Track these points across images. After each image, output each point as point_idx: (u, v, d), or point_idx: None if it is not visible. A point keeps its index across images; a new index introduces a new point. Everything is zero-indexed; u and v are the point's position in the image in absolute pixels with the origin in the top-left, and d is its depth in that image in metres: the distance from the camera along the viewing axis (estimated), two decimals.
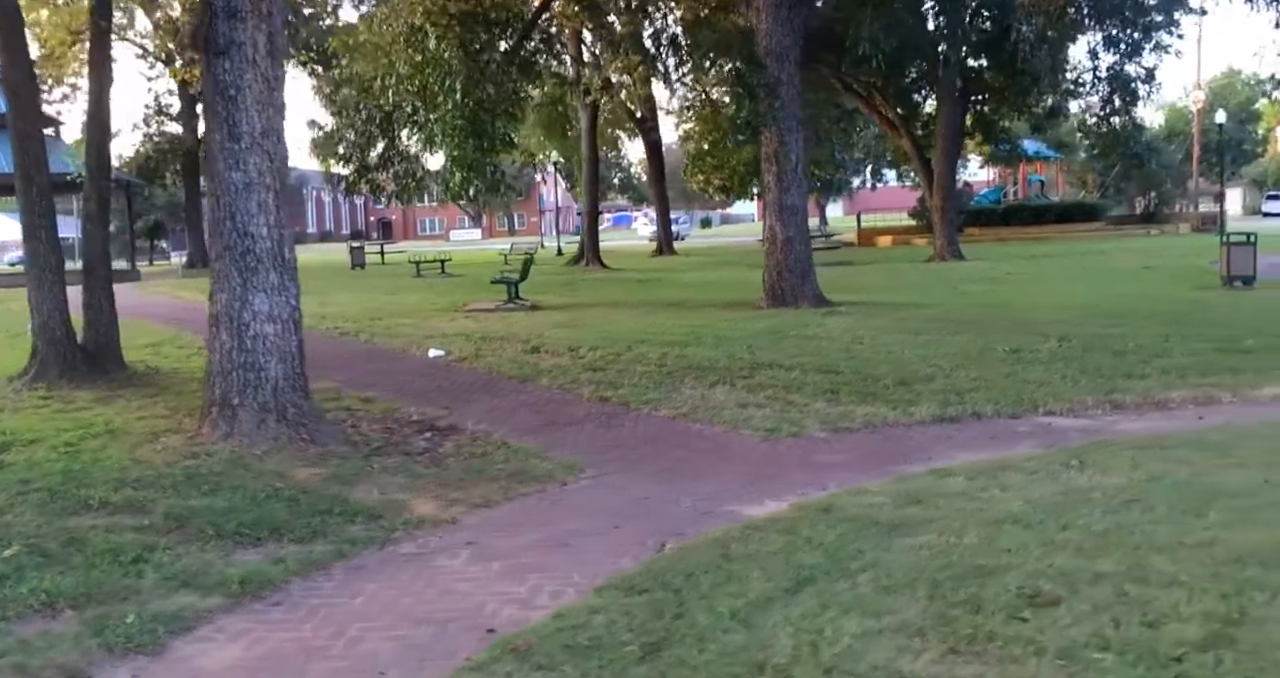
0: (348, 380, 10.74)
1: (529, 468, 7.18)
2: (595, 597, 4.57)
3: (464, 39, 16.85)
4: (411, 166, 18.97)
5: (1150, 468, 6.41)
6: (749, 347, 12.11)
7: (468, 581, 5.10)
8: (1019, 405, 9.08)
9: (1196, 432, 7.70)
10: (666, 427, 8.61)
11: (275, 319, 7.33)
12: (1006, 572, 4.45)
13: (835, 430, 8.35)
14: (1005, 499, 5.79)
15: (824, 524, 5.46)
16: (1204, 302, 17.11)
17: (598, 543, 5.58)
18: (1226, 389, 9.59)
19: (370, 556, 5.54)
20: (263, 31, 7.14)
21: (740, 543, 5.21)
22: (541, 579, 5.03)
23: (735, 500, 6.32)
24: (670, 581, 4.67)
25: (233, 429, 7.24)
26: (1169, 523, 5.06)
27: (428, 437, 7.85)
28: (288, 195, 26.14)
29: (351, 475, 6.80)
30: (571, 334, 13.64)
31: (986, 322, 14.26)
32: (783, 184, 15.93)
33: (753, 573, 4.70)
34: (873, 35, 17.85)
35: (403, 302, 19.60)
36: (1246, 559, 4.41)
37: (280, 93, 7.39)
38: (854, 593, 4.33)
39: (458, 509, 6.28)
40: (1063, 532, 5.02)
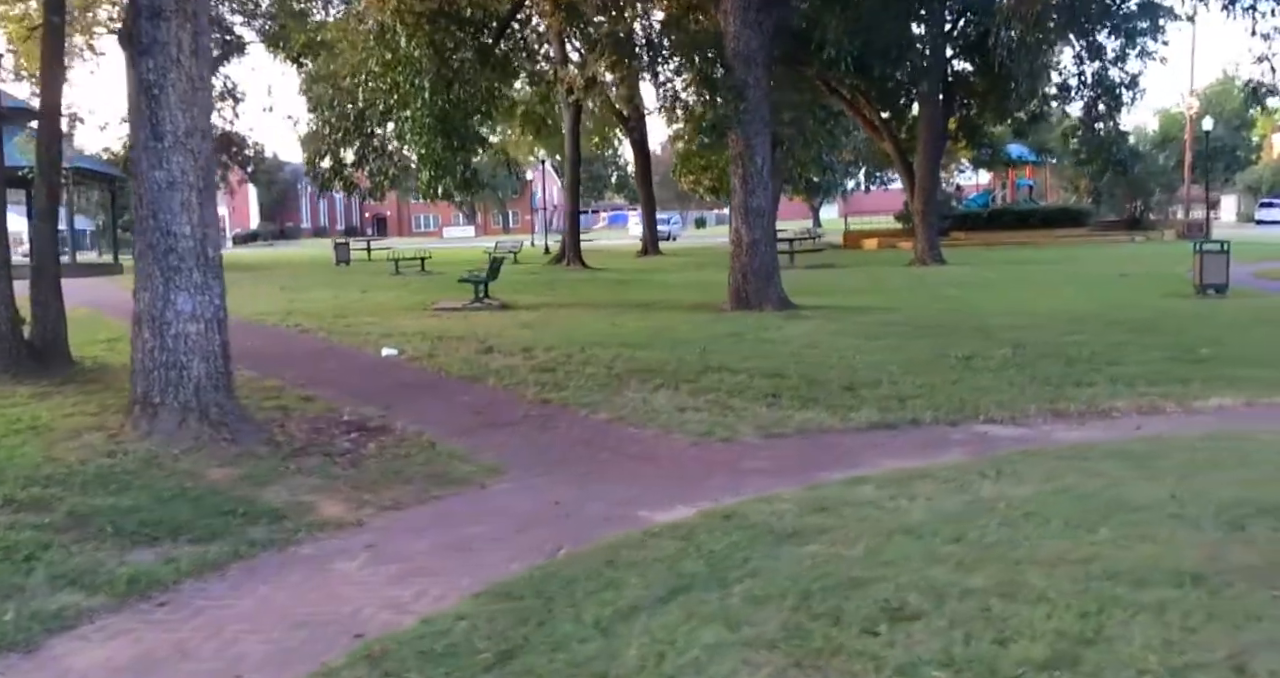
0: (295, 379, 10.70)
1: (449, 470, 7.16)
2: (468, 603, 4.55)
3: (434, 38, 16.81)
4: (385, 164, 18.93)
5: (1063, 480, 6.39)
6: (702, 350, 12.09)
7: (356, 584, 5.08)
8: (960, 413, 9.07)
9: (1124, 442, 7.68)
10: (602, 429, 8.60)
11: (198, 319, 7.30)
12: (878, 584, 4.43)
13: (768, 436, 8.34)
14: (908, 510, 5.77)
15: (721, 532, 5.45)
16: (1172, 310, 17.10)
17: (497, 548, 5.56)
18: (1172, 399, 9.58)
19: (268, 557, 5.52)
20: (187, 31, 7.12)
21: (631, 550, 5.19)
22: (429, 584, 5.01)
23: (647, 506, 6.30)
24: (547, 587, 4.65)
25: (153, 428, 7.22)
26: (1058, 537, 5.04)
27: (353, 437, 7.83)
28: (281, 190, 26.31)
29: (265, 476, 6.77)
30: (531, 334, 13.62)
31: (947, 327, 14.25)
32: (748, 187, 15.91)
33: (632, 581, 4.68)
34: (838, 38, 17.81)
35: (373, 299, 19.57)
36: (1121, 576, 4.39)
37: (206, 93, 7.37)
38: (722, 603, 4.31)
39: (367, 512, 6.26)
40: (951, 544, 5.00)
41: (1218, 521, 5.24)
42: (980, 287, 22.57)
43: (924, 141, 29.00)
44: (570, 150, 32.34)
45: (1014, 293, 20.82)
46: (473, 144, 18.34)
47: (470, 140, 18.12)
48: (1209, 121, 41.79)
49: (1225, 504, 5.54)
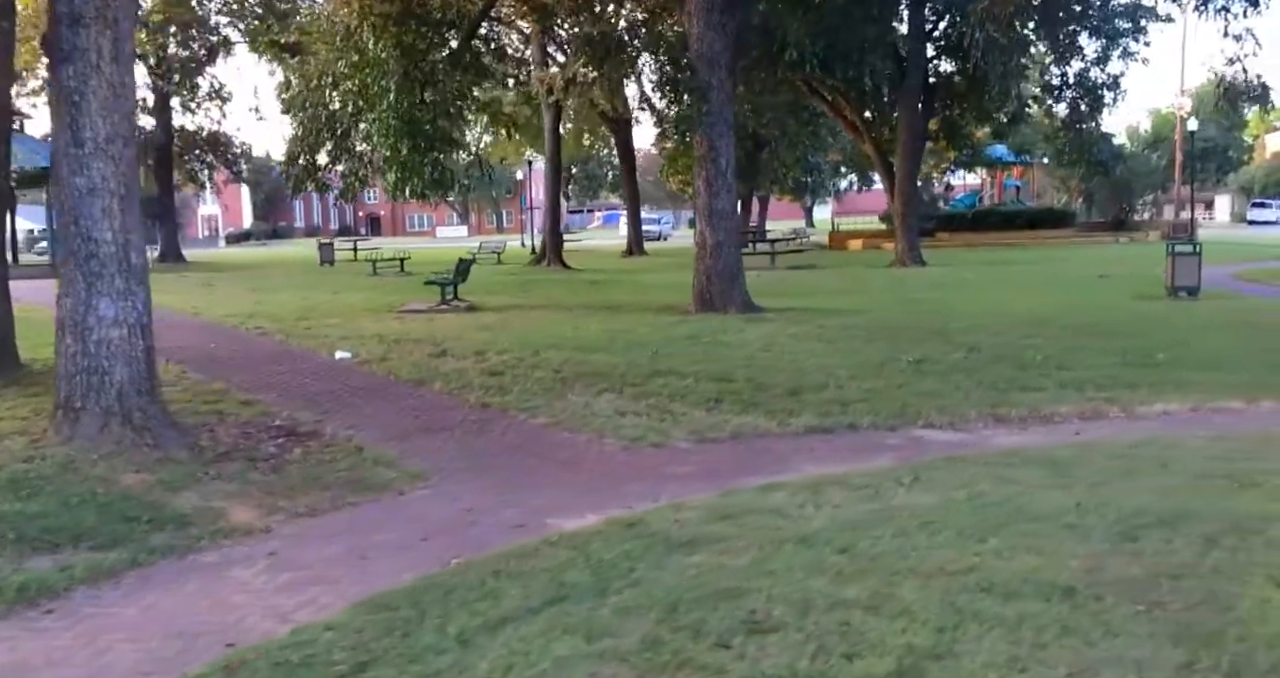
0: (242, 382, 10.70)
1: (370, 476, 7.16)
2: (344, 613, 4.55)
3: (401, 39, 16.80)
4: (355, 165, 18.92)
5: (976, 487, 6.38)
6: (655, 353, 12.08)
7: (248, 593, 5.08)
8: (900, 417, 9.07)
9: (1053, 449, 7.68)
10: (536, 434, 8.60)
11: (121, 324, 7.29)
12: (750, 595, 4.43)
13: (701, 441, 8.34)
14: (810, 518, 5.77)
15: (618, 540, 5.44)
16: (1139, 312, 17.10)
17: (397, 557, 5.55)
18: (1118, 404, 9.59)
19: (168, 565, 5.52)
20: (108, 38, 7.11)
21: (522, 559, 5.19)
22: (319, 593, 5.01)
23: (559, 513, 6.30)
24: (424, 598, 4.65)
25: (75, 433, 7.22)
26: (946, 547, 5.03)
27: (280, 442, 7.82)
28: (274, 190, 26.14)
29: (180, 482, 6.76)
30: (488, 337, 13.61)
31: (908, 330, 14.24)
32: (712, 189, 15.89)
33: (511, 591, 4.68)
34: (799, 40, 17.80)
35: (342, 301, 19.55)
36: (993, 589, 4.39)
37: (129, 99, 7.36)
38: (591, 615, 4.31)
39: (277, 518, 6.26)
40: (839, 555, 5.00)
41: (1111, 531, 5.24)
42: (954, 288, 22.55)
43: (903, 143, 28.99)
44: (550, 151, 32.32)
45: (986, 295, 20.81)
46: (442, 145, 18.30)
47: (439, 141, 18.08)
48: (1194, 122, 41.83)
49: (1126, 514, 5.54)
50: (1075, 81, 29.38)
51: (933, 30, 29.17)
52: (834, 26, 18.50)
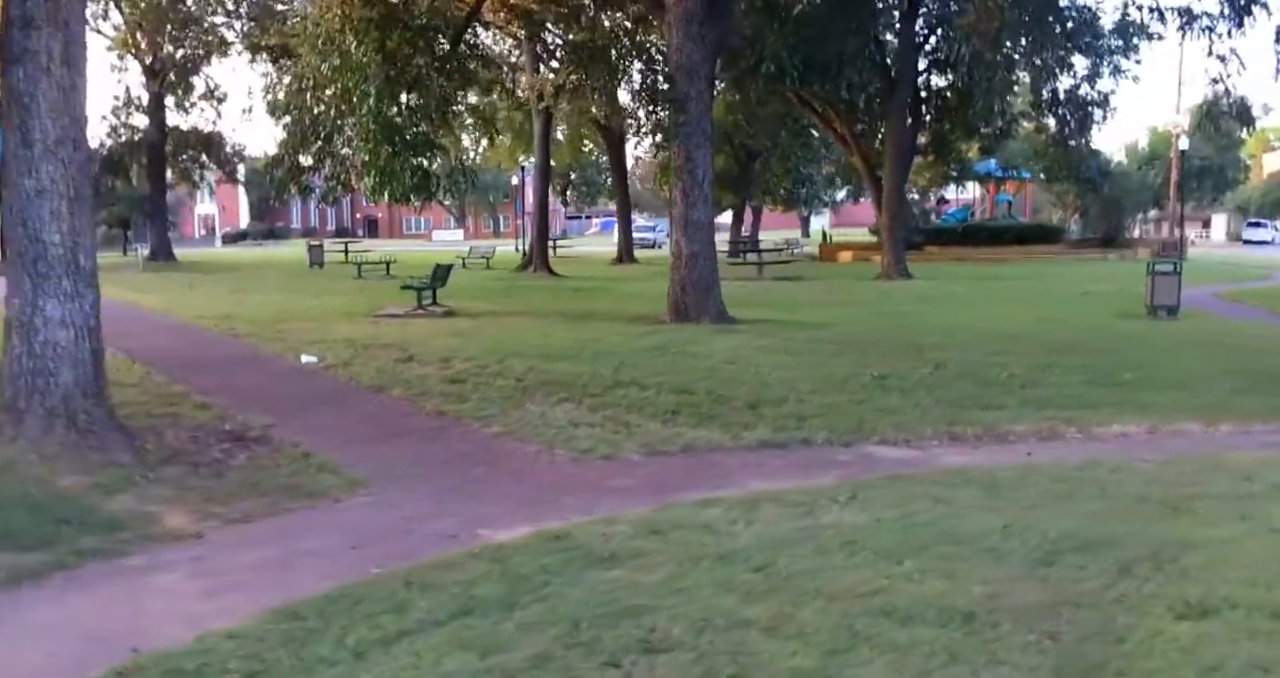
0: (204, 385, 10.71)
1: (311, 483, 7.16)
2: (252, 622, 4.56)
3: (384, 44, 16.84)
4: (337, 168, 18.95)
5: (909, 507, 6.40)
6: (620, 363, 12.09)
7: (167, 598, 5.10)
8: (855, 433, 9.08)
9: (997, 468, 7.69)
10: (486, 444, 8.60)
11: (68, 326, 7.30)
12: (653, 613, 4.44)
13: (651, 453, 8.34)
14: (738, 535, 5.78)
15: (540, 554, 5.45)
16: (1114, 331, 17.12)
17: (322, 565, 5.55)
18: (1076, 424, 9.60)
19: (94, 568, 5.52)
20: (58, 40, 7.14)
21: (441, 570, 5.20)
22: (237, 600, 5.01)
23: (493, 524, 6.30)
24: (332, 608, 4.66)
25: (18, 434, 7.22)
26: (860, 569, 5.05)
27: (226, 448, 7.83)
28: (270, 191, 25.33)
29: (118, 485, 6.77)
30: (458, 343, 13.63)
31: (878, 345, 14.27)
32: (688, 199, 15.92)
33: (420, 603, 4.69)
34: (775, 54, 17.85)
35: (322, 304, 19.57)
36: (894, 613, 4.40)
37: (79, 102, 7.37)
38: (493, 630, 4.32)
39: (211, 524, 6.26)
40: (753, 573, 5.01)
41: (1029, 556, 5.25)
42: (935, 302, 22.58)
43: (891, 156, 29.03)
44: (540, 158, 32.34)
45: (966, 310, 20.83)
46: (424, 150, 18.34)
47: (420, 146, 18.12)
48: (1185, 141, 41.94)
49: (1049, 539, 5.56)
50: (1065, 98, 29.44)
51: (924, 43, 29.24)
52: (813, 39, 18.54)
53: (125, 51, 38.41)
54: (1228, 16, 18.94)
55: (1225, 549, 5.30)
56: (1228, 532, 5.67)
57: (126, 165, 40.67)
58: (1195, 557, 5.19)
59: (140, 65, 39.37)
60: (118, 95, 40.48)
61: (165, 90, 39.52)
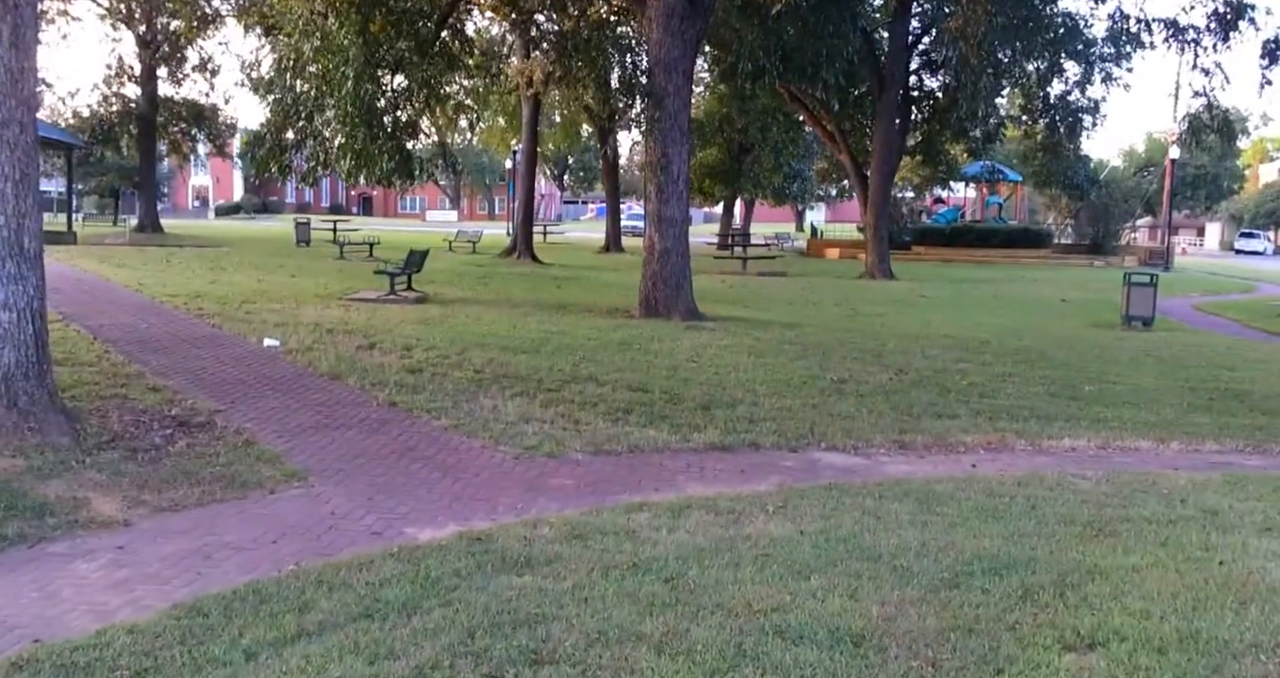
0: (160, 366, 10.71)
1: (246, 473, 7.17)
2: (155, 616, 4.59)
3: (365, 27, 16.77)
4: (317, 150, 18.88)
5: (835, 519, 6.44)
6: (580, 358, 12.12)
7: (79, 587, 5.11)
8: (803, 439, 9.13)
9: (936, 480, 7.75)
10: (431, 438, 8.62)
11: (10, 308, 7.30)
12: (550, 623, 4.48)
13: (596, 452, 8.37)
14: (656, 542, 5.81)
15: (455, 556, 5.49)
16: (1085, 340, 17.20)
17: (241, 558, 5.58)
18: (1026, 436, 9.67)
19: (14, 554, 5.55)
20: (7, 23, 7.10)
21: (354, 570, 5.23)
22: (148, 592, 5.04)
23: (419, 523, 6.33)
24: (238, 605, 4.69)
25: None
26: (765, 584, 5.08)
27: (166, 434, 7.84)
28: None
29: (51, 470, 6.79)
30: (423, 331, 13.62)
31: (842, 348, 14.30)
32: (662, 195, 15.91)
33: (324, 604, 4.72)
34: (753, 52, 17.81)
35: (297, 285, 19.54)
36: (786, 632, 4.43)
37: (28, 85, 7.35)
38: (387, 635, 4.35)
39: (140, 512, 6.28)
40: (661, 584, 5.05)
41: (937, 577, 5.29)
42: (912, 305, 22.65)
43: (878, 155, 29.03)
44: (527, 144, 32.25)
45: (942, 314, 20.91)
46: (403, 134, 18.30)
47: (400, 130, 18.08)
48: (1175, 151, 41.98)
49: (961, 559, 5.60)
50: (1055, 104, 29.46)
51: (915, 44, 29.21)
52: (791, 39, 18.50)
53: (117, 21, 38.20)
54: (1213, 30, 18.96)
55: (1132, 577, 5.34)
56: (1141, 558, 5.71)
57: (117, 136, 40.47)
58: (1101, 584, 5.24)
59: (134, 35, 39.20)
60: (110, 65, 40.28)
61: (158, 61, 39.34)
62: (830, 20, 18.23)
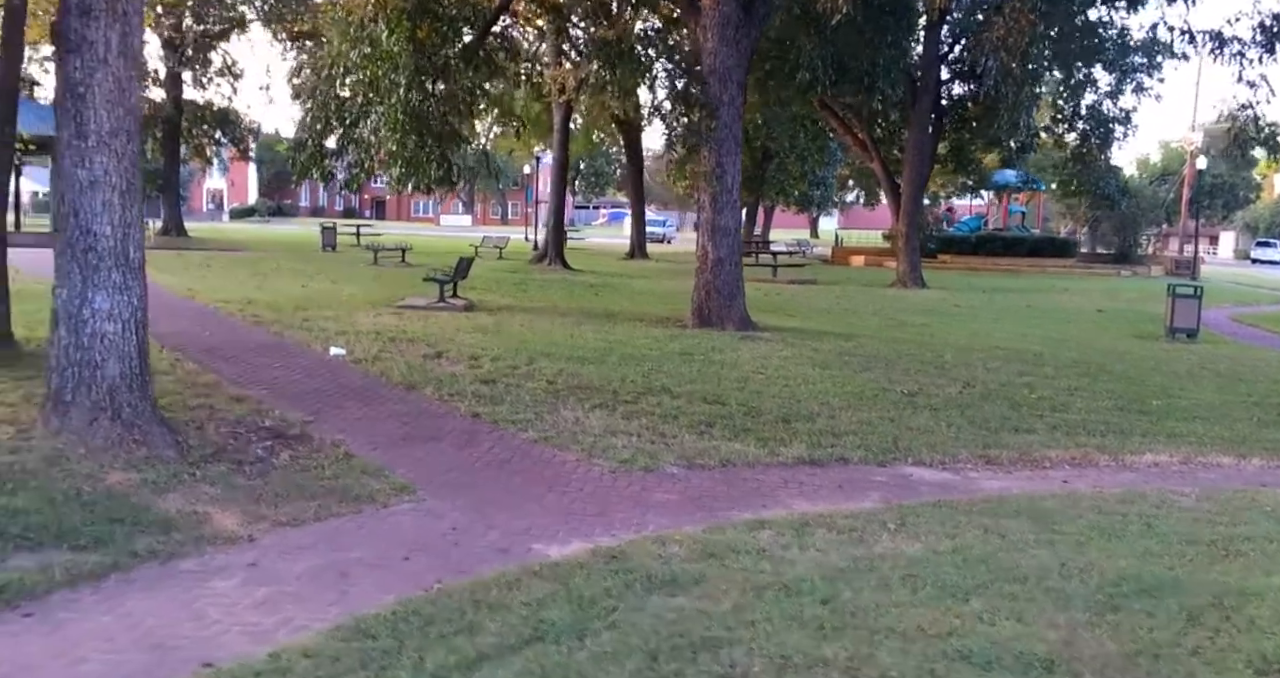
0: (234, 375, 10.66)
1: (355, 487, 7.11)
2: (321, 638, 4.53)
3: (414, 33, 16.75)
4: (362, 156, 18.86)
5: (962, 538, 6.38)
6: (649, 370, 12.05)
7: (224, 606, 5.04)
8: (889, 453, 9.08)
9: (1038, 499, 7.67)
10: (524, 450, 8.56)
11: (115, 318, 7.25)
12: (730, 647, 4.41)
13: (690, 466, 8.31)
14: (794, 562, 5.75)
15: (599, 575, 5.42)
16: (1136, 354, 17.10)
17: (377, 576, 5.52)
18: (1108, 452, 9.62)
19: (148, 570, 5.48)
20: (116, 31, 7.07)
21: (503, 589, 5.17)
22: (296, 612, 4.98)
23: (542, 539, 6.28)
24: (404, 627, 4.63)
25: (64, 426, 7.18)
26: (927, 607, 5.02)
27: (267, 445, 7.78)
28: (281, 168, 25.77)
29: (165, 483, 6.73)
30: (484, 340, 13.57)
31: (902, 360, 14.23)
32: (716, 205, 15.85)
33: (491, 625, 4.66)
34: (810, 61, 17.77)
35: (340, 292, 19.48)
36: (972, 657, 4.38)
37: (133, 94, 7.31)
38: (569, 659, 4.29)
39: (260, 527, 6.22)
40: (819, 606, 4.99)
41: (1092, 599, 5.23)
42: (953, 316, 22.56)
43: (911, 164, 28.98)
44: (558, 151, 32.22)
45: (985, 324, 20.83)
46: (449, 141, 18.27)
47: (447, 137, 18.05)
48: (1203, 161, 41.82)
49: (1108, 580, 5.54)
50: (1087, 114, 29.41)
51: (948, 53, 29.16)
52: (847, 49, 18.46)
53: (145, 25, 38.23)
54: (1259, 42, 18.85)
55: None
56: None
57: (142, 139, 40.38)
58: (1260, 607, 5.17)
59: (159, 39, 39.21)
60: None
61: (183, 65, 39.37)
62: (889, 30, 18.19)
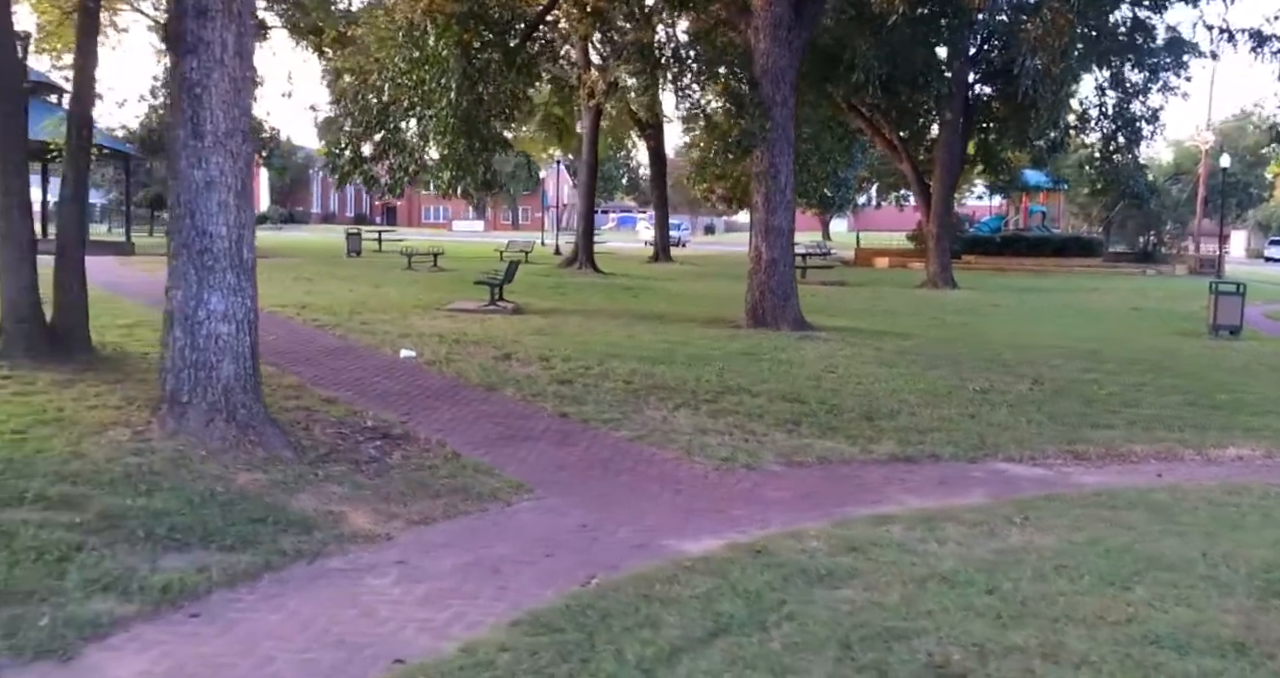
0: (314, 377, 10.68)
1: (474, 485, 7.14)
2: (506, 632, 4.54)
3: (462, 38, 16.79)
4: (406, 160, 18.88)
5: (1091, 530, 6.39)
6: (720, 369, 12.06)
7: (389, 603, 5.06)
8: (978, 449, 9.10)
9: (1145, 491, 7.68)
10: (622, 449, 8.58)
11: (230, 319, 7.28)
12: (919, 637, 4.42)
13: (790, 464, 8.34)
14: (939, 555, 5.76)
15: (753, 569, 5.43)
16: (1186, 351, 17.09)
17: (527, 572, 5.54)
18: (1190, 446, 9.64)
19: (298, 569, 5.50)
20: (232, 31, 7.10)
21: (665, 584, 5.18)
22: (464, 607, 4.99)
23: (674, 535, 6.30)
24: (585, 620, 4.64)
25: (180, 427, 7.19)
26: (1093, 595, 5.03)
27: (378, 445, 7.81)
28: (293, 175, 26.07)
29: (293, 483, 6.75)
30: (546, 342, 13.58)
31: (963, 358, 14.24)
32: (770, 205, 15.88)
33: (669, 618, 4.67)
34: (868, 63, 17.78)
35: (386, 296, 19.51)
36: (1163, 641, 4.39)
37: (248, 94, 7.34)
38: (764, 649, 4.30)
39: (394, 525, 6.24)
40: (986, 596, 5.00)
41: (1251, 585, 5.24)
42: (994, 315, 22.57)
43: (941, 164, 29.00)
44: (588, 154, 32.27)
45: (1028, 323, 20.82)
46: (494, 145, 18.31)
47: (492, 141, 18.09)
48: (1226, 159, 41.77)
49: (1257, 568, 5.54)
50: (1114, 113, 29.40)
51: (976, 54, 29.16)
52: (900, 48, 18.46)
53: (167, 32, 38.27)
54: None
55: None
56: None
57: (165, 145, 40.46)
58: None
59: None
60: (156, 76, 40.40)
61: None
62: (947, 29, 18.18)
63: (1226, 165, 43.71)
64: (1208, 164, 51.26)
